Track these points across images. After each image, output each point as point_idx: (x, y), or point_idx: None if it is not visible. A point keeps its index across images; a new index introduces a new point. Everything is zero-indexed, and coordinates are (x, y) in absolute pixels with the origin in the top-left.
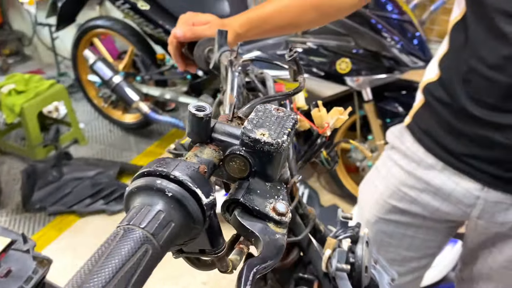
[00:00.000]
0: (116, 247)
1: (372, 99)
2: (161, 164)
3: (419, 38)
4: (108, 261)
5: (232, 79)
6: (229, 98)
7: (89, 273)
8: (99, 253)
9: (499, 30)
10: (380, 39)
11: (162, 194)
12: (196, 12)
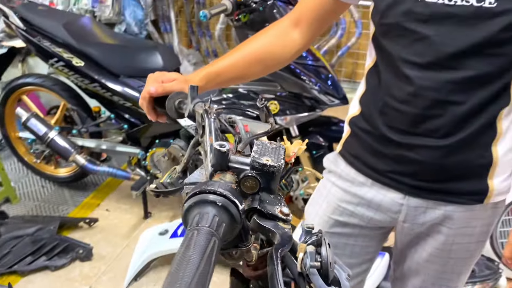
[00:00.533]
0: (197, 241)
1: (299, 135)
2: (208, 185)
3: (332, 79)
4: (196, 249)
5: (209, 125)
6: (209, 140)
7: (184, 258)
8: (186, 244)
9: (404, 74)
10: (300, 82)
11: (214, 204)
12: (129, 65)
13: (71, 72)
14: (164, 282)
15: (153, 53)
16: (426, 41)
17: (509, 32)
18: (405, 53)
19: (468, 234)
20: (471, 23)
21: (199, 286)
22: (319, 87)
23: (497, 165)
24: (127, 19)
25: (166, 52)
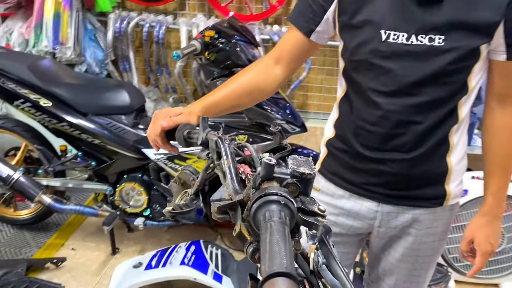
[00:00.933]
0: (276, 228)
1: None
2: (270, 189)
3: (290, 109)
4: (279, 234)
5: (225, 150)
6: (226, 162)
7: (273, 241)
8: (269, 232)
9: (373, 101)
10: (265, 112)
11: (278, 203)
12: (97, 103)
13: (38, 112)
14: (265, 259)
15: (120, 91)
16: (390, 74)
17: (455, 65)
18: (373, 83)
19: (432, 234)
20: (425, 58)
21: (291, 258)
22: (281, 116)
23: (452, 173)
24: (88, 60)
25: (132, 90)
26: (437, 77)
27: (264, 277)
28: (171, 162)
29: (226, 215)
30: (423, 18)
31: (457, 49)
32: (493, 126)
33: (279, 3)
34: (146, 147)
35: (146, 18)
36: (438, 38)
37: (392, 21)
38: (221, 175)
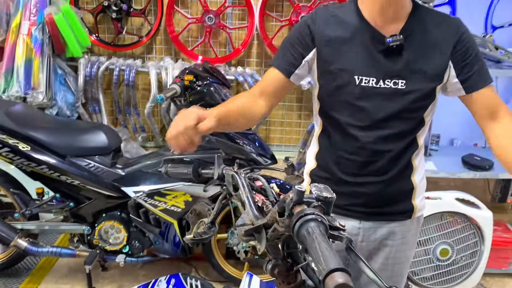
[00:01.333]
0: (322, 239)
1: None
2: (307, 210)
3: (259, 141)
4: (326, 243)
5: (242, 182)
6: (244, 193)
7: (322, 246)
8: (318, 242)
9: (351, 134)
10: (240, 146)
11: (316, 220)
12: (75, 145)
13: (17, 157)
14: (320, 261)
15: (98, 133)
16: (364, 111)
17: (416, 104)
18: (350, 119)
19: (405, 243)
20: (392, 98)
21: (341, 259)
22: (253, 148)
23: (416, 189)
24: (59, 103)
25: (109, 131)
26: (401, 113)
27: (325, 273)
28: (150, 199)
29: (252, 237)
30: (388, 66)
31: (416, 91)
32: (499, 137)
33: (242, 46)
34: (126, 186)
35: (115, 62)
36: (401, 82)
37: (364, 69)
38: (240, 204)
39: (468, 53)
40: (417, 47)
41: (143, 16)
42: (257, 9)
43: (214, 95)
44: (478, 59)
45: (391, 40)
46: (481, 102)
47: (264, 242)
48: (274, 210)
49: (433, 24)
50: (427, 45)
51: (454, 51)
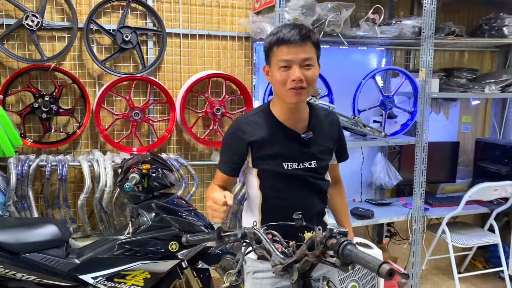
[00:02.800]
0: (359, 251)
1: (188, 265)
2: (341, 239)
3: (197, 213)
4: (362, 253)
5: (264, 237)
6: (267, 243)
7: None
8: (358, 252)
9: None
10: (189, 221)
11: (351, 244)
12: (29, 241)
13: None
14: (369, 261)
15: (50, 226)
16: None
17: (321, 174)
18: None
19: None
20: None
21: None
22: (198, 221)
23: None
24: None
25: (59, 223)
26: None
27: (378, 266)
28: (110, 282)
29: (286, 271)
30: (303, 152)
31: (321, 166)
32: (335, 194)
33: (167, 132)
34: (83, 273)
35: (45, 159)
36: (314, 163)
37: (289, 155)
38: (265, 252)
39: (342, 139)
40: (318, 137)
41: (71, 115)
42: (178, 104)
43: (164, 179)
44: (345, 141)
45: (305, 136)
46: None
47: (297, 272)
48: (304, 248)
49: (323, 119)
50: (323, 134)
51: (337, 138)
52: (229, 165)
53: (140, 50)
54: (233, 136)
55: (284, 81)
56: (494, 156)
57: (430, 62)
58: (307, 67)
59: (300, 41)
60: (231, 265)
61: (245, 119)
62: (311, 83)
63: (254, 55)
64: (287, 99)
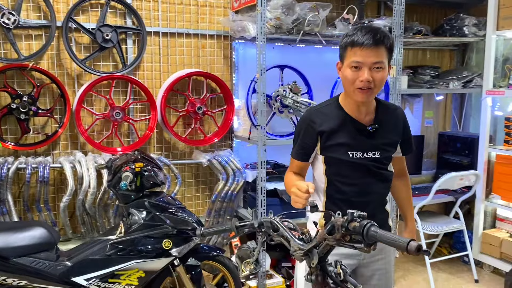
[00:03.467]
0: (384, 232)
1: (180, 263)
2: (364, 222)
3: (187, 210)
4: (387, 233)
5: (281, 224)
6: (285, 231)
7: (391, 234)
8: (383, 233)
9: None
10: (182, 218)
11: (374, 225)
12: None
13: None
14: (396, 240)
15: (39, 229)
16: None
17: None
18: None
19: (389, 260)
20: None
21: None
22: (190, 218)
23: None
24: None
25: (48, 226)
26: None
27: (406, 244)
28: (104, 283)
29: (307, 256)
30: (367, 143)
31: (385, 157)
32: (400, 184)
33: (149, 130)
34: (75, 276)
35: (25, 161)
36: (378, 153)
37: (354, 145)
38: (282, 239)
39: (407, 132)
40: (384, 129)
41: (51, 116)
42: (158, 103)
43: (155, 178)
44: (410, 134)
45: (371, 128)
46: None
47: (317, 256)
48: (323, 232)
49: (389, 113)
50: (389, 128)
51: (402, 131)
52: (300, 152)
53: (120, 49)
54: (304, 125)
55: (353, 80)
56: (455, 148)
57: (400, 60)
58: (377, 69)
59: (373, 45)
60: (248, 254)
61: (316, 110)
62: (379, 84)
63: (233, 53)
64: (354, 97)
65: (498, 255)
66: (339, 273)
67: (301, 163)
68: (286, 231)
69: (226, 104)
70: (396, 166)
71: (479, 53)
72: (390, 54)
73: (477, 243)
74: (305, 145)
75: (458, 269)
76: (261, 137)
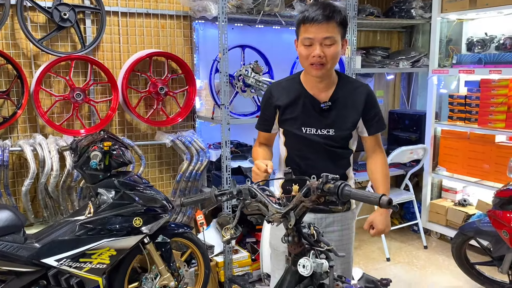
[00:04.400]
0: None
1: (150, 241)
2: (338, 182)
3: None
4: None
5: (259, 191)
6: (263, 197)
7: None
8: (357, 191)
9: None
10: (151, 196)
11: (347, 184)
12: None
13: None
14: (369, 196)
15: (5, 212)
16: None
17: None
18: None
19: (346, 228)
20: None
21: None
22: (159, 196)
23: None
24: None
25: (13, 209)
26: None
27: (378, 198)
28: (75, 262)
29: (285, 218)
30: (321, 120)
31: (340, 135)
32: (371, 164)
33: (110, 113)
34: (45, 257)
35: None
36: (332, 131)
37: (308, 121)
38: (260, 205)
39: (370, 111)
40: (341, 107)
41: (7, 98)
42: (119, 84)
43: (123, 156)
44: (378, 112)
45: (324, 106)
46: (371, 141)
47: (294, 218)
48: (300, 195)
49: (351, 90)
50: (346, 105)
51: (363, 109)
52: (262, 123)
53: (79, 28)
54: (265, 98)
55: (306, 56)
56: (404, 125)
57: (354, 40)
58: (329, 45)
59: (323, 21)
60: (227, 220)
61: (277, 84)
62: (331, 60)
63: (193, 34)
64: (310, 73)
65: (444, 222)
66: (312, 234)
67: (266, 134)
68: (264, 197)
69: (188, 85)
70: (366, 145)
71: (425, 34)
72: (343, 29)
73: (425, 213)
74: (266, 117)
75: (409, 237)
76: (225, 116)
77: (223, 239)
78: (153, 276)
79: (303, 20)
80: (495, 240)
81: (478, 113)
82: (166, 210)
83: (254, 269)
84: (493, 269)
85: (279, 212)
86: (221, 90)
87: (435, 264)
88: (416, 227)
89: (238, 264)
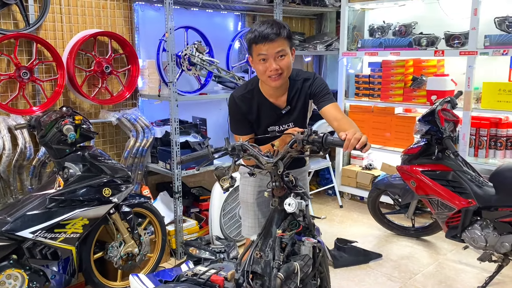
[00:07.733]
0: (333, 137)
1: (115, 211)
2: (322, 134)
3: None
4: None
5: (250, 146)
6: (254, 150)
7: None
8: (334, 138)
9: None
10: (119, 167)
11: (331, 133)
12: None
13: None
14: (339, 141)
15: None
16: None
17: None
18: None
19: (304, 178)
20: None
21: None
22: (124, 167)
23: None
24: None
25: None
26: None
27: (343, 138)
28: (50, 233)
29: (275, 167)
30: (283, 119)
31: (299, 123)
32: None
33: (58, 89)
34: (20, 230)
35: None
36: (292, 124)
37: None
38: (252, 158)
39: (314, 90)
40: (296, 106)
41: None
42: (65, 62)
43: (90, 130)
44: (322, 91)
45: (284, 111)
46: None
47: (282, 166)
48: (287, 147)
49: (299, 88)
50: (299, 103)
51: (309, 93)
52: (240, 128)
53: (23, 6)
54: (234, 110)
55: (264, 71)
56: None
57: None
58: (281, 57)
59: (274, 38)
60: (223, 172)
61: (241, 96)
62: (286, 69)
63: (134, 14)
64: (268, 84)
65: (355, 185)
66: (291, 180)
67: (249, 135)
68: (255, 151)
69: (130, 64)
70: (327, 119)
71: (332, 22)
72: (290, 41)
73: (339, 177)
74: (243, 124)
75: (326, 200)
76: (173, 94)
77: (223, 187)
78: (117, 244)
79: (255, 40)
80: (403, 192)
81: (380, 89)
82: (130, 180)
83: (201, 235)
84: (401, 218)
85: (269, 162)
86: (169, 69)
87: (351, 219)
88: (330, 190)
89: (187, 231)
